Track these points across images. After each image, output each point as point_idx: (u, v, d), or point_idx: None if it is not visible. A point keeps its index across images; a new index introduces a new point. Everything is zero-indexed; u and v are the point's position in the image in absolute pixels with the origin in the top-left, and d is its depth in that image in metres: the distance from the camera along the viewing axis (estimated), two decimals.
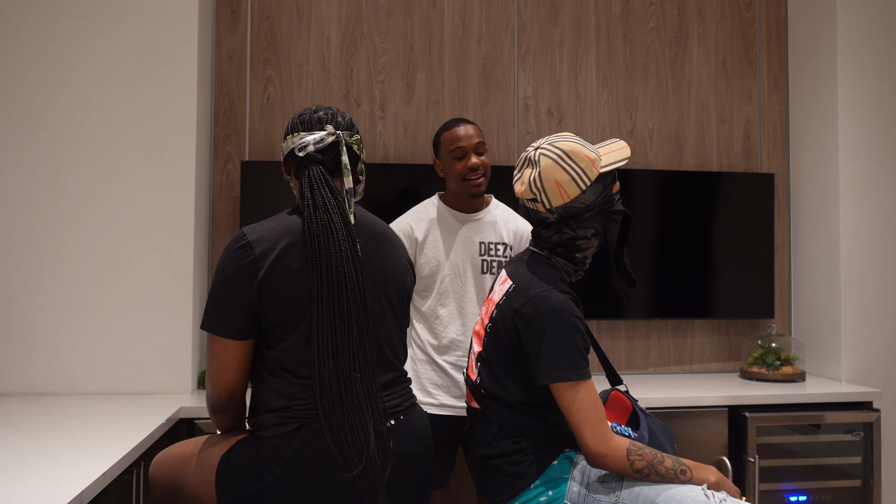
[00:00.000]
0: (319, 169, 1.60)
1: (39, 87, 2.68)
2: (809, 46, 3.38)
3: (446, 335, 2.37)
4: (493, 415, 1.77)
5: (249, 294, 1.52)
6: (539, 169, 1.77)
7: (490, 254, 2.40)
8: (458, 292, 2.38)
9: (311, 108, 1.69)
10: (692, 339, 3.40)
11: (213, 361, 1.56)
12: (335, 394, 1.49)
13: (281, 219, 1.60)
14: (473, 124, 2.39)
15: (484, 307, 1.90)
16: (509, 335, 1.74)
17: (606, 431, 1.63)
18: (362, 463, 1.48)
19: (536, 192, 1.78)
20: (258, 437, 1.56)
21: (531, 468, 1.72)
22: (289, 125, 1.69)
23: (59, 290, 2.65)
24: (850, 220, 3.18)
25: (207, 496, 1.57)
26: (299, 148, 1.62)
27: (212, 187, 3.08)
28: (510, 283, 1.81)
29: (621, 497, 1.63)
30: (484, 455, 1.78)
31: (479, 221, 2.43)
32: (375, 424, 1.52)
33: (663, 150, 3.40)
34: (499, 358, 1.77)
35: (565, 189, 1.76)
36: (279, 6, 3.15)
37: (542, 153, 1.78)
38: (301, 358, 1.53)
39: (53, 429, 2.08)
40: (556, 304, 1.68)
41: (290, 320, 1.52)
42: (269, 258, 1.52)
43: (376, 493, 1.51)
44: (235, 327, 1.53)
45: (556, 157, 1.77)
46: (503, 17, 3.31)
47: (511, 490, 1.73)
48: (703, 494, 1.59)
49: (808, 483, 2.83)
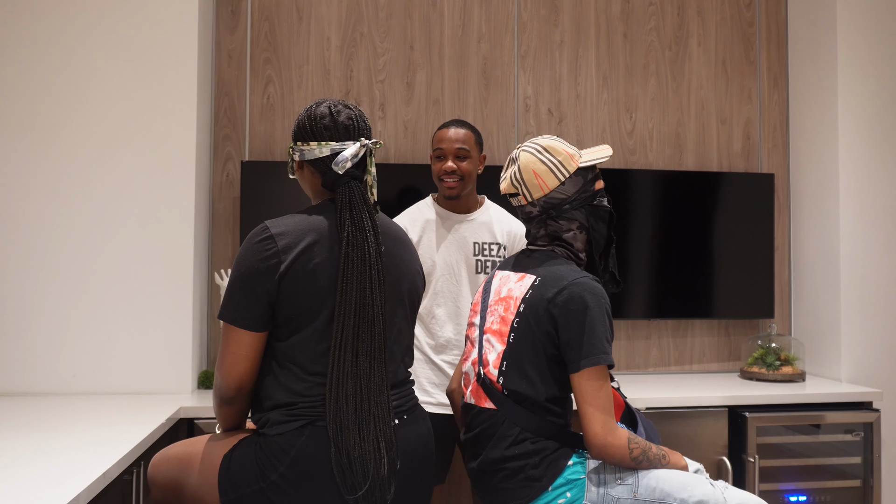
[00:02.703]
0: (358, 187, 1.62)
1: (39, 87, 2.68)
2: (809, 46, 3.38)
3: (442, 334, 2.40)
4: (513, 416, 1.75)
5: (269, 286, 1.53)
6: (519, 163, 1.87)
7: (484, 254, 2.43)
8: (453, 292, 2.41)
9: (329, 108, 1.66)
10: (692, 339, 3.40)
11: (226, 352, 1.57)
12: (350, 409, 1.51)
13: (304, 216, 1.61)
14: (467, 129, 2.41)
15: (499, 305, 1.86)
16: (542, 327, 1.74)
17: (614, 421, 1.69)
18: (366, 484, 1.49)
19: (518, 185, 1.86)
20: (262, 435, 1.56)
21: (549, 470, 1.71)
22: (307, 125, 1.66)
23: (60, 290, 2.65)
24: (850, 220, 3.18)
25: (210, 496, 1.57)
26: (336, 164, 1.61)
27: (212, 187, 3.08)
28: (533, 277, 1.80)
29: (639, 493, 1.67)
30: (502, 457, 1.75)
31: (473, 222, 2.46)
32: (387, 445, 1.53)
33: (663, 150, 3.40)
34: (528, 353, 1.76)
35: (543, 179, 1.84)
36: (279, 6, 3.15)
37: (522, 150, 1.89)
38: (310, 354, 1.54)
39: (53, 429, 2.08)
40: (594, 290, 1.73)
41: (306, 315, 1.54)
42: (293, 253, 1.54)
43: (381, 500, 1.53)
44: (253, 319, 1.54)
45: (534, 152, 1.87)
46: (503, 17, 3.31)
47: (528, 493, 1.71)
48: (708, 484, 1.69)
49: (808, 483, 2.83)
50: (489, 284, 1.95)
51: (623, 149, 3.37)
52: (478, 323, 1.91)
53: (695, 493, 1.67)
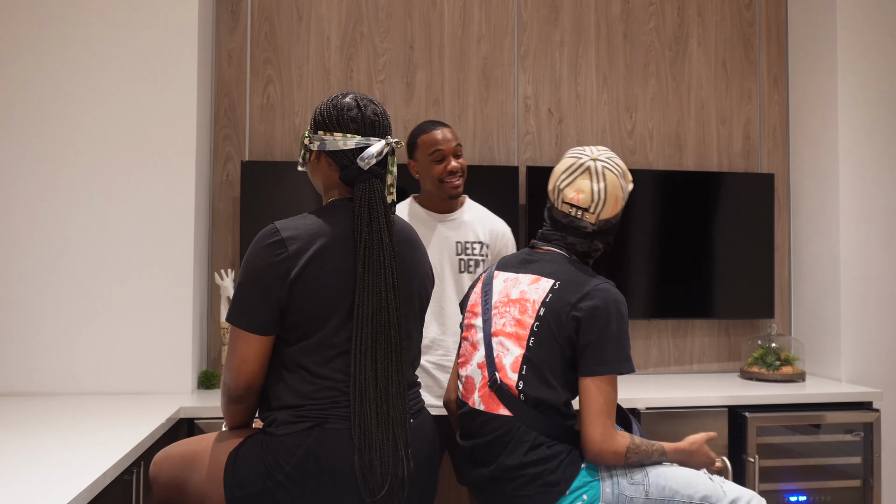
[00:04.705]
0: (379, 186, 1.59)
1: (39, 88, 2.68)
2: (809, 46, 3.38)
3: (427, 335, 2.39)
4: (530, 421, 1.74)
5: (280, 292, 1.51)
6: (606, 183, 1.83)
7: (467, 253, 2.43)
8: (437, 292, 2.41)
9: (356, 100, 1.62)
10: (692, 339, 3.40)
11: (234, 354, 1.55)
12: (373, 412, 1.51)
13: (315, 217, 1.58)
14: (449, 127, 2.42)
15: (511, 307, 1.82)
16: (564, 332, 1.73)
17: (614, 429, 1.72)
18: (385, 486, 1.49)
19: (597, 202, 1.83)
20: (268, 434, 1.56)
21: (565, 474, 1.71)
22: (333, 115, 1.61)
23: (60, 290, 2.65)
24: (850, 220, 3.18)
25: (215, 493, 1.56)
26: (363, 158, 1.57)
27: (212, 187, 3.08)
28: (551, 280, 1.79)
29: (650, 492, 1.72)
30: (520, 464, 1.73)
31: (455, 221, 2.45)
32: (405, 447, 1.53)
33: (663, 150, 3.40)
34: (549, 358, 1.75)
35: (617, 206, 1.86)
36: (279, 6, 3.15)
37: (605, 167, 1.84)
38: (318, 358, 1.53)
39: (53, 429, 2.08)
40: (617, 297, 1.76)
41: (316, 321, 1.52)
42: (304, 258, 1.51)
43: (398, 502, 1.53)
44: (262, 323, 1.53)
45: (618, 174, 1.85)
46: (503, 17, 3.31)
47: (546, 499, 1.71)
48: (708, 479, 1.78)
49: (808, 483, 2.83)
50: (489, 285, 1.91)
51: (623, 149, 3.37)
52: (480, 325, 1.87)
53: (699, 490, 1.75)
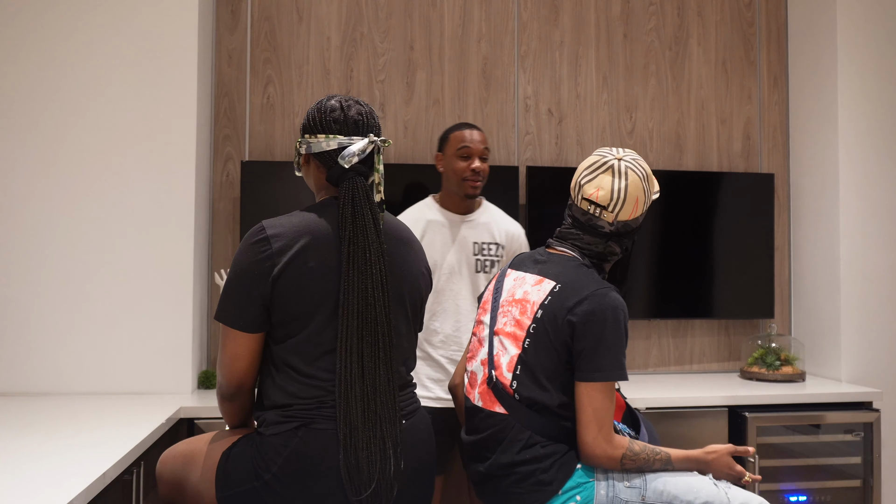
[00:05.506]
0: (363, 183, 1.59)
1: (39, 88, 2.68)
2: (809, 46, 3.38)
3: (442, 331, 2.48)
4: (524, 420, 1.74)
5: (264, 288, 1.52)
6: (627, 182, 1.80)
7: (483, 253, 2.52)
8: (453, 290, 2.49)
9: (339, 102, 1.64)
10: (692, 339, 3.40)
11: (224, 351, 1.57)
12: (359, 411, 1.51)
13: (302, 215, 1.59)
14: (482, 131, 2.51)
15: (513, 307, 1.83)
16: (560, 336, 1.72)
17: (610, 434, 1.69)
18: (372, 486, 1.49)
19: (616, 201, 1.80)
20: (259, 435, 1.57)
21: (559, 474, 1.71)
22: (317, 118, 1.63)
23: (60, 290, 2.65)
24: (850, 220, 3.18)
25: (208, 492, 1.58)
26: (343, 157, 1.58)
27: (212, 187, 3.08)
28: (553, 283, 1.78)
29: (647, 496, 1.69)
30: (512, 462, 1.74)
31: (473, 222, 2.54)
32: (393, 446, 1.53)
33: (663, 150, 3.40)
34: (543, 360, 1.74)
35: (637, 207, 1.82)
36: (279, 6, 3.15)
37: (628, 167, 1.81)
38: (305, 357, 1.54)
39: (53, 429, 2.08)
40: (615, 303, 1.72)
41: (300, 318, 1.53)
42: (287, 255, 1.52)
43: (385, 502, 1.53)
44: (248, 320, 1.54)
45: (641, 177, 1.82)
46: (503, 17, 3.31)
47: (539, 498, 1.71)
48: (712, 484, 1.73)
49: (808, 483, 2.83)
50: (501, 283, 1.90)
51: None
52: (487, 322, 1.87)
53: (700, 496, 1.69)
